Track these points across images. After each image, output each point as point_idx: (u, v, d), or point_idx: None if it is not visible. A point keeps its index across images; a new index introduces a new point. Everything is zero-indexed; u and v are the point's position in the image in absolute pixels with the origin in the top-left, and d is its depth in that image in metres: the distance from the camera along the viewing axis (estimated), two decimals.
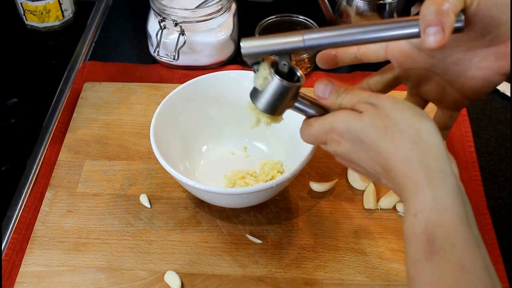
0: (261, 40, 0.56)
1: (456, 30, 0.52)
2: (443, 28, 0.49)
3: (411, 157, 0.49)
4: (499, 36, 0.53)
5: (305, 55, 0.89)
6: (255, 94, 0.58)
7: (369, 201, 0.74)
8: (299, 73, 0.58)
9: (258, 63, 0.57)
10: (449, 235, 0.47)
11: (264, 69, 0.57)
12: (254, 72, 0.57)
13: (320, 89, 0.56)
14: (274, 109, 0.58)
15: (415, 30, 0.52)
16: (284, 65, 0.57)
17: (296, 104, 0.58)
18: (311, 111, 0.58)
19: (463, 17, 0.52)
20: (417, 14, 0.53)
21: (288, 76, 0.57)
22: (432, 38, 0.50)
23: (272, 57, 0.57)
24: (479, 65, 0.56)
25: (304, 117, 0.59)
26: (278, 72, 0.56)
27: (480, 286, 0.46)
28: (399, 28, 0.53)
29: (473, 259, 0.46)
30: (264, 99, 0.58)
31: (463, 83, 0.57)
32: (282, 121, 0.61)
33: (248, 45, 0.56)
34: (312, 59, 0.90)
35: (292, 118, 0.62)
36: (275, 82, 0.56)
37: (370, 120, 0.52)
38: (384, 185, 0.55)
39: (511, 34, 0.53)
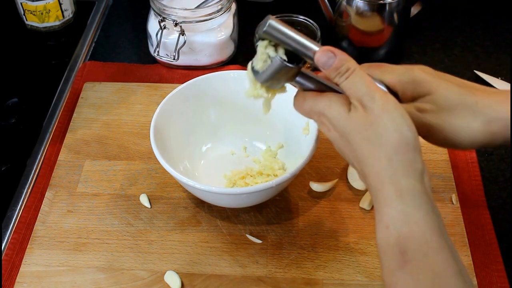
0: (286, 29, 0.55)
1: None
2: None
3: (383, 173, 0.51)
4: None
5: None
6: (256, 71, 0.58)
7: (364, 201, 0.74)
8: None
9: (263, 39, 0.56)
10: (420, 245, 0.49)
11: (262, 54, 0.56)
12: (255, 43, 0.57)
13: (322, 60, 0.54)
14: (274, 85, 0.58)
15: None
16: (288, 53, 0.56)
17: (297, 79, 0.57)
18: (310, 86, 0.57)
19: None
20: (417, 14, 0.53)
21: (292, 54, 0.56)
22: None
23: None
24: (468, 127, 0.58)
25: None
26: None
27: None
28: None
29: (446, 266, 0.48)
30: (265, 76, 0.57)
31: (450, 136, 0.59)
32: (285, 92, 0.61)
33: (274, 26, 0.55)
34: None
35: (292, 119, 0.62)
36: (276, 62, 0.55)
37: (356, 124, 0.52)
38: None
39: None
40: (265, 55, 0.56)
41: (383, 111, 0.51)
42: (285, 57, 0.55)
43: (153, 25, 0.93)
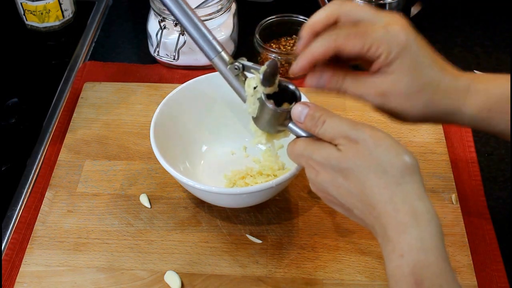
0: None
1: None
2: None
3: (395, 198, 0.50)
4: None
5: None
6: (253, 117, 0.62)
7: None
8: (297, 93, 0.60)
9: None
10: (436, 275, 0.48)
11: (252, 95, 0.60)
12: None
13: (296, 113, 0.57)
14: (271, 127, 0.61)
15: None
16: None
17: (290, 125, 0.59)
18: (303, 134, 0.58)
19: None
20: (417, 14, 0.53)
21: (284, 94, 0.60)
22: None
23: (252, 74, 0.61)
24: None
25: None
26: (269, 96, 0.59)
27: None
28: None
29: None
30: (261, 119, 0.61)
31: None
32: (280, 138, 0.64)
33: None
34: None
35: None
36: (266, 107, 0.59)
37: (352, 157, 0.51)
38: (354, 221, 0.55)
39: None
40: (253, 97, 0.60)
41: (378, 139, 0.51)
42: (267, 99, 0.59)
43: (153, 25, 0.93)
